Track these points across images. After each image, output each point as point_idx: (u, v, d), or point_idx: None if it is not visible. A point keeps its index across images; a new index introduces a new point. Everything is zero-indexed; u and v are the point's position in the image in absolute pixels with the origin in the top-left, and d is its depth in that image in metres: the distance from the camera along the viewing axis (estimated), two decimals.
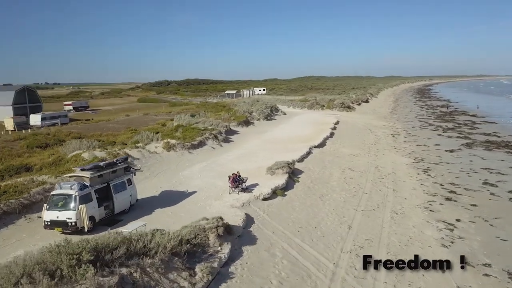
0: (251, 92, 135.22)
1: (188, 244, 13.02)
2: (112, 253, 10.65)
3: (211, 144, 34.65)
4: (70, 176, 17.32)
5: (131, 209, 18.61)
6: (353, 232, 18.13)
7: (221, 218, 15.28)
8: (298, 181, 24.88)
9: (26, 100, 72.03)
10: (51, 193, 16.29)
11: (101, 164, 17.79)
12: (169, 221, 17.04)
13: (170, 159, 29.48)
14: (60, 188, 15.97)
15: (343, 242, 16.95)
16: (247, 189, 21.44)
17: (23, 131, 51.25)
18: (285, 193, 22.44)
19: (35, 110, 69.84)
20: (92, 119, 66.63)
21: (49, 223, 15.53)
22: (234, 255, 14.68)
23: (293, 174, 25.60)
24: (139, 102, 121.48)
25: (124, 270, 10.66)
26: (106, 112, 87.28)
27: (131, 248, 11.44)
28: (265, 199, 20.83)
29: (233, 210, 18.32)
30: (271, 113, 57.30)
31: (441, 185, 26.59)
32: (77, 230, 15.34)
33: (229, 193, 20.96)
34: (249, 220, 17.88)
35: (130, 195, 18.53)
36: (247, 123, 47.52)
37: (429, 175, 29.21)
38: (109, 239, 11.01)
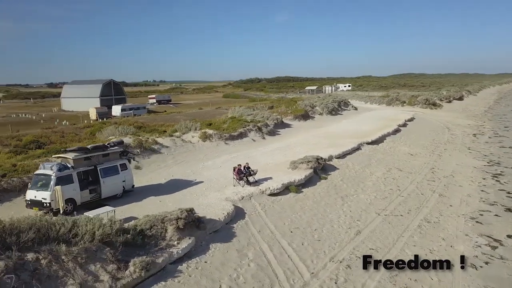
0: (333, 88, 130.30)
1: (129, 235, 11.70)
2: (19, 236, 9.76)
3: (253, 136, 33.03)
4: (57, 157, 17.15)
5: (125, 195, 17.92)
6: (359, 238, 15.27)
7: (189, 210, 13.67)
8: (326, 178, 22.18)
9: (112, 92, 77.99)
10: (34, 173, 16.26)
11: (88, 146, 17.34)
12: (151, 209, 15.81)
13: (202, 149, 28.61)
14: (43, 168, 15.80)
15: (339, 250, 14.27)
16: (255, 182, 19.53)
17: (99, 120, 55.01)
18: (302, 189, 20.02)
19: (120, 102, 75.09)
20: (165, 111, 69.34)
21: (29, 202, 15.40)
22: (197, 251, 13.02)
23: (322, 170, 22.96)
24: (223, 98, 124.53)
25: (30, 256, 9.72)
26: (186, 105, 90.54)
27: (51, 233, 10.48)
28: (272, 194, 18.68)
29: (224, 203, 16.55)
30: (337, 108, 53.60)
31: (508, 193, 21.93)
32: (52, 211, 14.96)
33: (233, 185, 19.26)
34: (238, 215, 16.01)
35: (124, 181, 17.78)
36: (305, 117, 44.82)
37: (497, 180, 24.35)
38: (21, 221, 10.15)
